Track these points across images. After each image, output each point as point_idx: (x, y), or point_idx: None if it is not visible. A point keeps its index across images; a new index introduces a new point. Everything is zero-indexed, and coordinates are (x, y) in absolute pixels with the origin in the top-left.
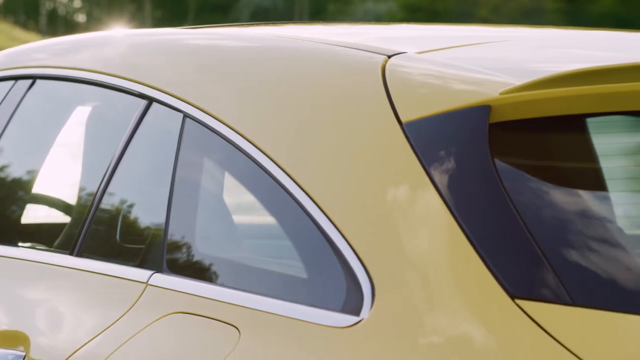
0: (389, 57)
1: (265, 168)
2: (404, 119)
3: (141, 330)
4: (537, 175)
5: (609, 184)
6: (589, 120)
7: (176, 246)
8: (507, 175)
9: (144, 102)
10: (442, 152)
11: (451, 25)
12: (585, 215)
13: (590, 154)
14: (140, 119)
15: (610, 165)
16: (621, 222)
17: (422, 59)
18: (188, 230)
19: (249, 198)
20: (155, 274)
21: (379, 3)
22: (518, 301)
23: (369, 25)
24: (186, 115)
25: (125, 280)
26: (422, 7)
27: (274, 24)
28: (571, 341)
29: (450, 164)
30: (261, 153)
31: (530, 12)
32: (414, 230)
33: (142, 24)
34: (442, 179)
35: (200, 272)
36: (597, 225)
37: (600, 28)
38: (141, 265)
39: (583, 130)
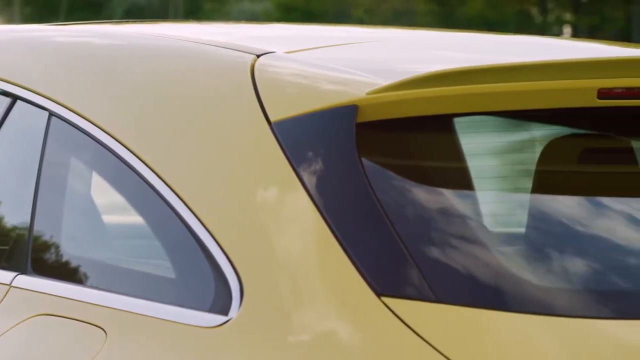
0: (258, 56)
1: (133, 167)
2: (272, 119)
3: (4, 333)
4: (403, 175)
5: (474, 183)
6: (454, 121)
7: (41, 247)
8: (374, 175)
9: (8, 100)
10: (310, 152)
11: (323, 26)
12: (450, 213)
13: (455, 154)
14: (4, 117)
15: (475, 165)
16: (485, 220)
17: (290, 58)
18: (54, 230)
19: (116, 198)
20: (20, 276)
21: (254, 3)
22: (384, 299)
23: (241, 25)
24: (52, 114)
25: None
26: (298, 7)
27: (146, 22)
28: (434, 337)
29: (318, 164)
30: (129, 152)
31: (403, 14)
32: (282, 229)
33: (10, 21)
34: (310, 178)
35: (66, 273)
36: (461, 223)
37: (469, 30)
38: (5, 266)
39: (448, 130)
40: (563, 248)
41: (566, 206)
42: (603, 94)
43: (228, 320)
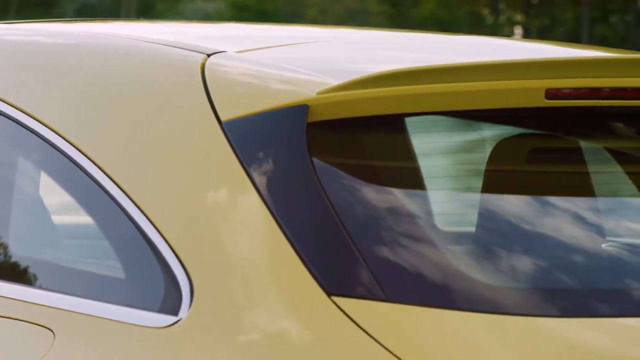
0: (209, 55)
1: (82, 167)
2: (223, 118)
3: None
4: (354, 175)
5: (424, 182)
6: (405, 120)
7: None
8: (325, 175)
9: None
10: (261, 151)
11: (275, 25)
12: (400, 213)
13: (406, 154)
14: None
15: (425, 164)
16: (435, 220)
17: (241, 58)
18: (1, 230)
19: (65, 198)
20: None
21: (207, 2)
22: (334, 298)
23: (193, 24)
24: None
25: None
26: (251, 7)
27: (97, 21)
28: (384, 336)
29: (268, 163)
30: (78, 152)
31: (356, 14)
32: (233, 229)
33: None
34: (261, 178)
35: (13, 273)
36: (411, 223)
37: (421, 30)
38: None
39: (399, 130)
40: (511, 247)
41: (515, 205)
42: (551, 94)
43: (178, 321)
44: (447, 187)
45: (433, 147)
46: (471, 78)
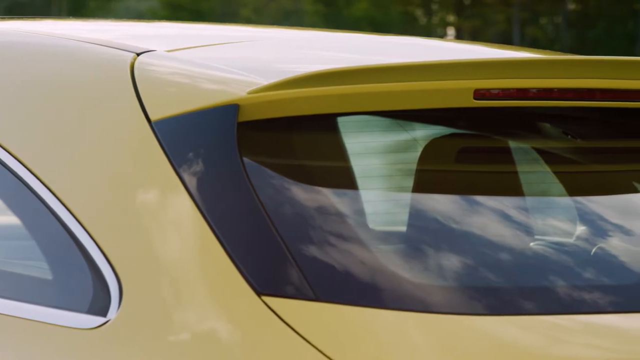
0: (138, 54)
1: (9, 167)
2: (153, 118)
3: None
4: (285, 174)
5: (356, 182)
6: (336, 120)
7: None
8: (256, 175)
9: None
10: (191, 151)
11: (207, 25)
12: (331, 213)
13: (337, 153)
14: None
15: (356, 164)
16: (366, 219)
17: (171, 57)
18: None
19: None
20: None
21: (140, 1)
22: (264, 298)
23: (124, 23)
24: None
25: None
26: (185, 6)
27: (26, 19)
28: (314, 336)
29: (199, 163)
30: (4, 151)
31: (290, 14)
32: (163, 229)
33: None
34: (191, 178)
35: None
36: (341, 222)
37: (354, 31)
38: None
39: (330, 129)
40: (441, 246)
41: (445, 205)
42: (479, 94)
43: (107, 322)
44: (379, 187)
45: (364, 147)
46: (401, 78)
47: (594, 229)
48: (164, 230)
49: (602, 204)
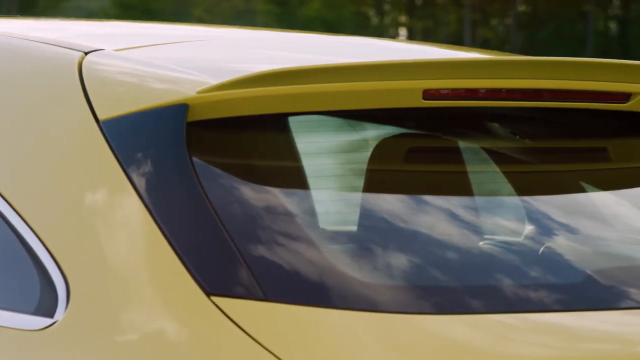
0: (86, 53)
1: None
2: (101, 117)
3: None
4: (235, 174)
5: (306, 182)
6: (286, 120)
7: None
8: (205, 175)
9: None
10: (140, 151)
11: (157, 24)
12: (281, 213)
13: (287, 153)
14: None
15: (307, 164)
16: (316, 220)
17: (120, 56)
18: None
19: None
20: None
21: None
22: (214, 298)
23: (73, 22)
24: None
25: None
26: (136, 5)
27: None
28: (263, 336)
29: (147, 163)
30: None
31: (243, 14)
32: (111, 230)
33: None
34: (139, 178)
35: None
36: (291, 223)
37: (305, 31)
38: None
39: (280, 129)
40: (390, 245)
41: (394, 204)
42: (428, 95)
43: (54, 323)
44: (329, 187)
45: (315, 146)
46: (350, 78)
47: (541, 228)
48: (113, 231)
49: (550, 204)
